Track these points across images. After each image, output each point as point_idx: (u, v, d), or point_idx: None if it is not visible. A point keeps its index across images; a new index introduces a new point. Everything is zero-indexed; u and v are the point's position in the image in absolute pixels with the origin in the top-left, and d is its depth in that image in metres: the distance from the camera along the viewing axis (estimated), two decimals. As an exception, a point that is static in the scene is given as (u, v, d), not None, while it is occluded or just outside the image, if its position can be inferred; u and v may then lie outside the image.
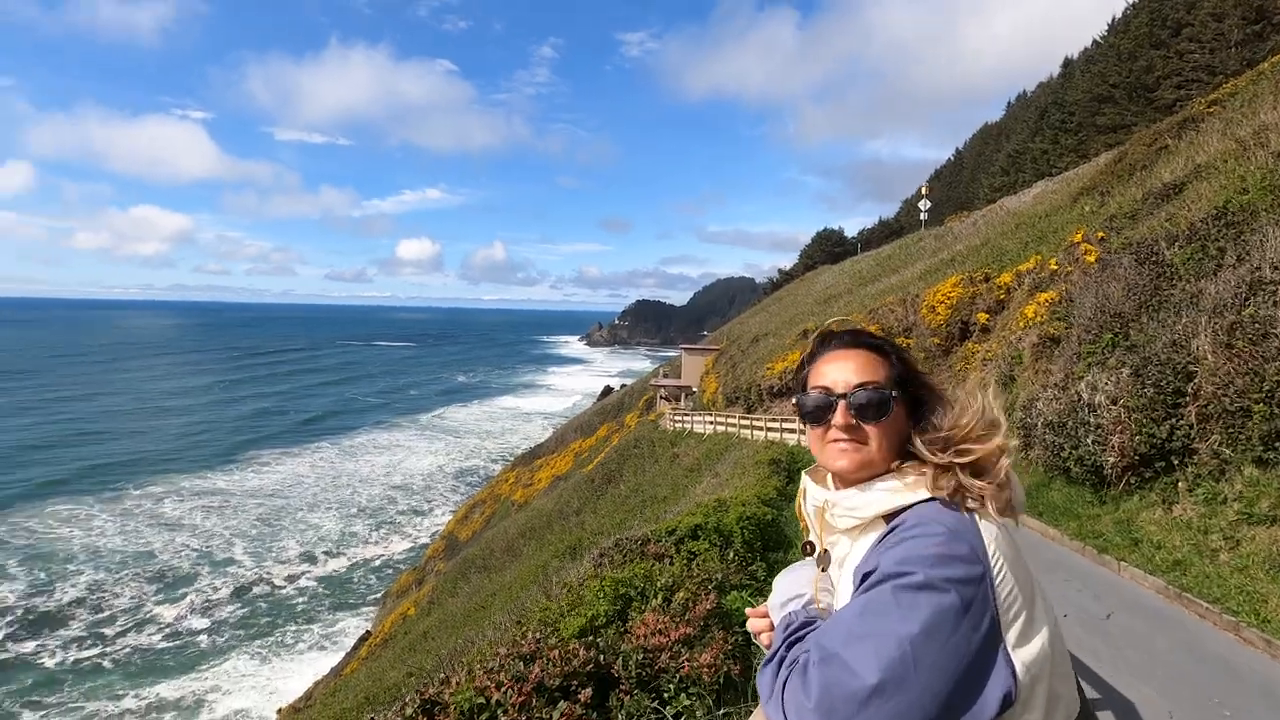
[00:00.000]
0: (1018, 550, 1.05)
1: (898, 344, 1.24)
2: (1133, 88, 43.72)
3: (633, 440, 28.18)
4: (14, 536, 34.65)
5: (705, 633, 2.94)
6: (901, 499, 1.08)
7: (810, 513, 1.26)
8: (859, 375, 1.15)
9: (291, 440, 60.88)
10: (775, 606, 1.23)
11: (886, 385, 1.15)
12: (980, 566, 0.96)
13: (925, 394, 1.19)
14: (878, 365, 1.18)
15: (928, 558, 0.95)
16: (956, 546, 0.97)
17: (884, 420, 1.13)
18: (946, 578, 0.93)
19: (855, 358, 1.18)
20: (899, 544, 0.99)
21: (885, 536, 1.04)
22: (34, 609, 27.07)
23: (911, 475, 1.11)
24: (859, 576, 1.02)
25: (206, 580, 30.83)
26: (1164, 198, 12.98)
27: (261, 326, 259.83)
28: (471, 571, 20.59)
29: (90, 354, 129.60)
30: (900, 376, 1.18)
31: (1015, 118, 76.18)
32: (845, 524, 1.14)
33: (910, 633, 0.89)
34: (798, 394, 1.23)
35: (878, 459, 1.13)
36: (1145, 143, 20.96)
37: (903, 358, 1.21)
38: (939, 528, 0.99)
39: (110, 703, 21.41)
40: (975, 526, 1.02)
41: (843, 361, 1.18)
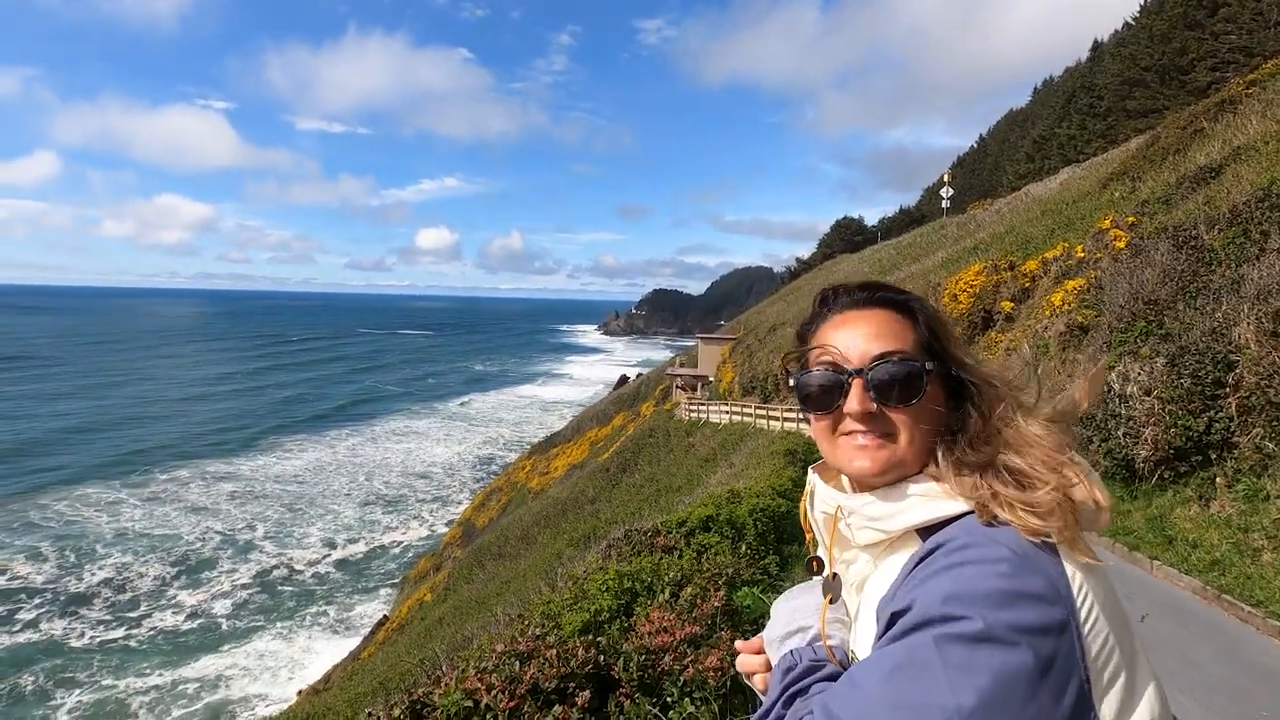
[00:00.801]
0: (1110, 584, 0.78)
1: (927, 300, 0.94)
2: (1165, 70, 42.39)
3: (648, 429, 28.08)
4: (45, 520, 35.45)
5: (713, 632, 2.78)
6: (943, 507, 0.82)
7: (819, 520, 0.97)
8: (879, 343, 0.87)
9: (314, 427, 61.58)
10: (773, 641, 0.97)
11: (917, 355, 0.87)
12: (1062, 610, 0.70)
13: (963, 371, 0.90)
14: (903, 328, 0.90)
15: (988, 595, 0.68)
16: (1028, 579, 0.70)
17: (916, 403, 0.85)
18: (1016, 625, 0.67)
19: (872, 320, 0.90)
20: (944, 572, 0.72)
21: (923, 560, 0.77)
22: (64, 590, 27.69)
23: (950, 477, 0.84)
24: (885, 614, 0.77)
25: (229, 564, 31.32)
26: (1200, 181, 12.47)
27: (284, 315, 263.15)
28: (486, 559, 20.66)
29: (120, 341, 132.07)
30: (931, 344, 0.90)
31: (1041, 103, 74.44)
32: (866, 538, 0.88)
33: (964, 707, 0.64)
34: (795, 374, 0.93)
35: (909, 457, 0.85)
36: (1179, 126, 20.24)
37: (933, 319, 0.91)
38: (1002, 550, 0.72)
39: (138, 679, 21.88)
40: (1052, 548, 0.75)
41: (855, 326, 0.90)
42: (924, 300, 0.94)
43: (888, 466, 0.85)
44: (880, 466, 0.85)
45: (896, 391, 0.85)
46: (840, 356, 0.89)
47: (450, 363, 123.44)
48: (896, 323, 0.90)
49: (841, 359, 0.89)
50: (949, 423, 0.87)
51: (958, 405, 0.88)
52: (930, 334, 0.90)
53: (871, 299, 0.93)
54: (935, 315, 0.93)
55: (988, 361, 0.93)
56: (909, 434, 0.85)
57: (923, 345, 0.89)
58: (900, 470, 0.86)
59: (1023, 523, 0.75)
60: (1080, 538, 0.77)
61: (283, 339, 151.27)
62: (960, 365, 0.90)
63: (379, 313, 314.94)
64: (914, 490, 0.85)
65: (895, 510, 0.85)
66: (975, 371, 0.90)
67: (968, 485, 0.81)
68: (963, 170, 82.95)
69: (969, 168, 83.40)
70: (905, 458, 0.85)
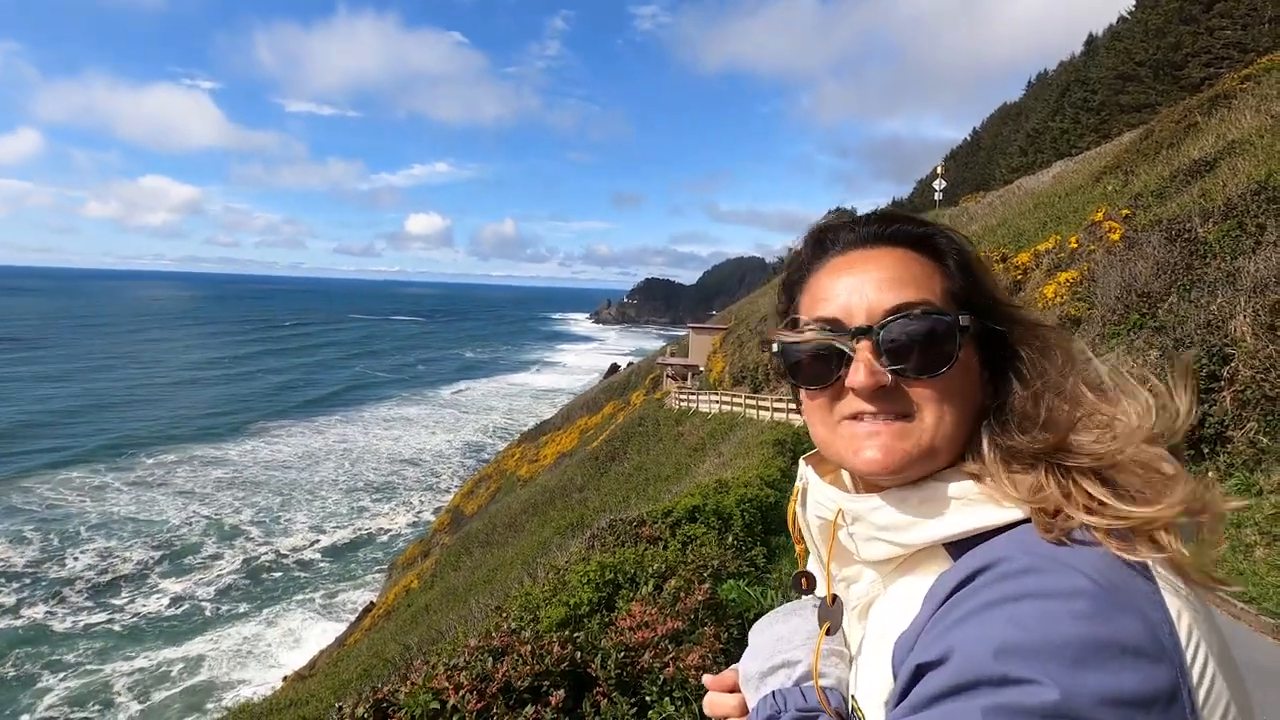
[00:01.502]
0: (1217, 623, 0.56)
1: (957, 234, 0.71)
2: (1159, 65, 42.44)
3: (638, 418, 28.01)
4: (29, 504, 35.05)
5: (695, 627, 2.67)
6: (985, 515, 0.61)
7: (812, 526, 0.75)
8: (894, 291, 0.65)
9: (304, 413, 61.15)
10: (751, 678, 0.76)
11: (946, 306, 0.66)
12: (1169, 670, 0.49)
13: (1010, 328, 0.67)
14: (927, 272, 0.67)
15: (1062, 647, 0.48)
16: (1119, 623, 0.49)
17: (946, 371, 0.63)
18: (1106, 695, 0.47)
19: (885, 261, 0.68)
20: (995, 609, 0.52)
21: (961, 587, 0.56)
22: (48, 574, 27.40)
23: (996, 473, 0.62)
24: (905, 663, 0.57)
25: (215, 549, 31.10)
26: (1194, 174, 12.43)
27: (273, 299, 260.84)
28: (474, 546, 20.57)
29: (107, 324, 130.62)
30: (965, 291, 0.68)
31: (1035, 97, 74.44)
32: (875, 553, 0.67)
33: None
34: (780, 338, 0.71)
35: (937, 445, 0.64)
36: (1173, 120, 20.21)
37: (967, 256, 0.69)
38: (1079, 579, 0.51)
39: (123, 663, 21.74)
40: (1147, 576, 0.53)
41: (862, 270, 0.68)
42: (954, 232, 0.71)
43: (907, 460, 0.63)
44: (897, 461, 0.63)
45: (918, 356, 0.63)
46: (841, 311, 0.67)
47: (441, 350, 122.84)
48: (917, 264, 0.68)
49: (843, 314, 0.67)
50: (989, 398, 0.66)
51: (1000, 374, 0.67)
52: (964, 278, 0.68)
53: (883, 234, 0.70)
54: (970, 252, 0.70)
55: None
56: (936, 415, 0.64)
57: (953, 293, 0.67)
58: (925, 465, 0.64)
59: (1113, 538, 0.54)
60: (1201, 559, 0.55)
61: (272, 324, 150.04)
62: (1010, 318, 0.68)
63: (369, 298, 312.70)
64: (944, 491, 0.63)
65: (917, 518, 0.63)
66: (1031, 326, 0.68)
67: (1025, 484, 0.60)
68: (956, 163, 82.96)
69: (962, 160, 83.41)
70: (931, 447, 0.64)
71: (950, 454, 0.65)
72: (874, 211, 0.75)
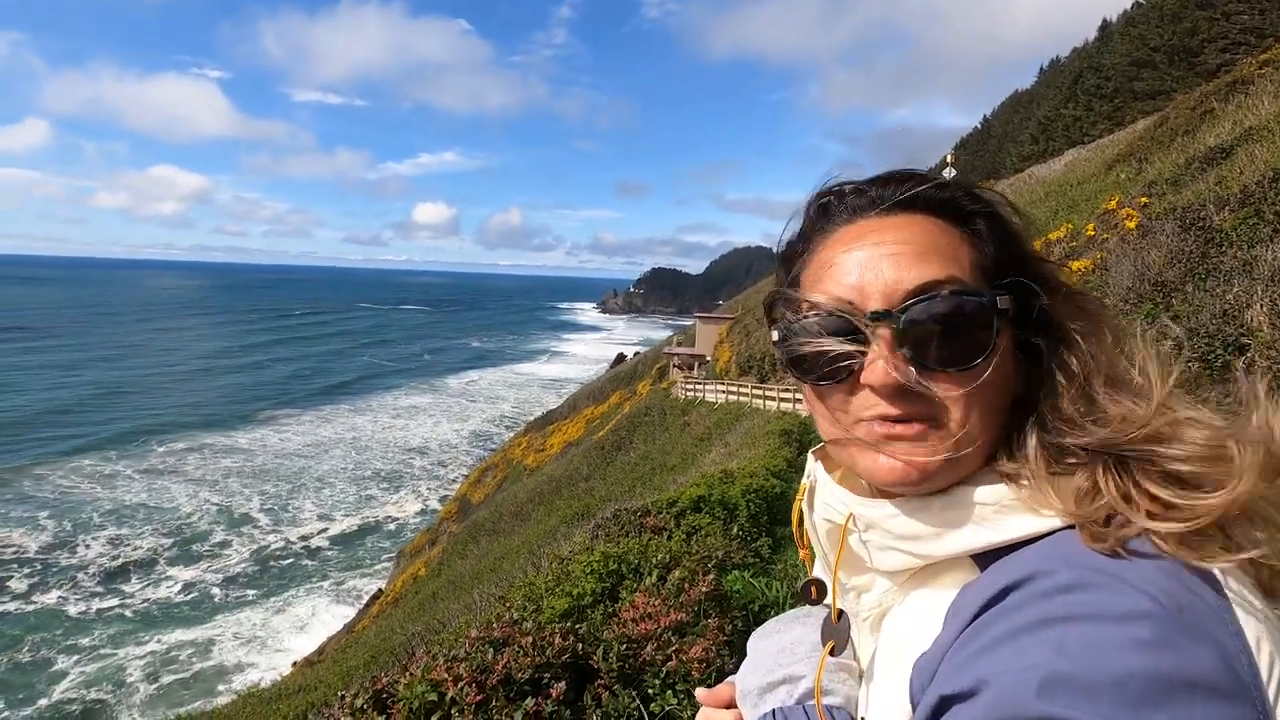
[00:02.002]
0: None
1: (986, 191, 0.62)
2: (1175, 51, 41.84)
3: (644, 408, 28.01)
4: (42, 490, 35.47)
5: (699, 619, 2.65)
6: (1023, 525, 0.52)
7: (819, 529, 0.67)
8: (917, 267, 0.55)
9: (312, 402, 61.60)
10: (749, 693, 0.69)
11: (979, 284, 0.56)
12: (1248, 709, 0.40)
13: (1053, 302, 0.58)
14: (955, 242, 0.57)
15: (1121, 681, 0.40)
16: (1188, 651, 0.41)
17: (980, 364, 0.54)
18: None
19: (904, 231, 0.57)
20: (1037, 633, 0.44)
21: (992, 604, 0.48)
22: (61, 561, 27.77)
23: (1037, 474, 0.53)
24: (930, 693, 0.49)
25: (225, 536, 31.42)
26: (1210, 162, 12.22)
27: (282, 289, 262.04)
28: (481, 534, 20.67)
29: (119, 314, 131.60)
30: (1001, 264, 0.58)
31: (1047, 84, 73.48)
32: (892, 563, 0.59)
33: None
34: (781, 324, 0.62)
35: (969, 449, 0.54)
36: (1188, 106, 19.89)
37: (1003, 221, 0.60)
38: (1137, 597, 0.43)
39: (135, 647, 22.09)
40: (1218, 591, 0.45)
41: (877, 241, 0.57)
42: (983, 189, 0.61)
43: (932, 471, 0.54)
44: (919, 472, 0.54)
45: (948, 347, 0.53)
46: (854, 291, 0.56)
47: (448, 339, 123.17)
48: (944, 233, 0.57)
49: (856, 295, 0.56)
50: (1022, 386, 0.57)
51: (1038, 357, 0.57)
52: (998, 245, 0.58)
53: (900, 197, 0.59)
54: (1002, 213, 0.60)
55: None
56: (967, 415, 0.54)
57: (984, 266, 0.57)
58: (953, 473, 0.55)
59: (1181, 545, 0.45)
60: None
61: (281, 313, 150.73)
62: (1052, 290, 0.57)
63: (377, 287, 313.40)
64: (974, 496, 0.54)
65: (942, 527, 0.55)
66: (1077, 299, 0.58)
67: (1071, 487, 0.50)
68: (965, 151, 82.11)
69: (972, 149, 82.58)
70: (960, 454, 0.54)
71: (981, 455, 0.56)
72: (890, 172, 0.63)
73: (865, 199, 0.61)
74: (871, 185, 0.62)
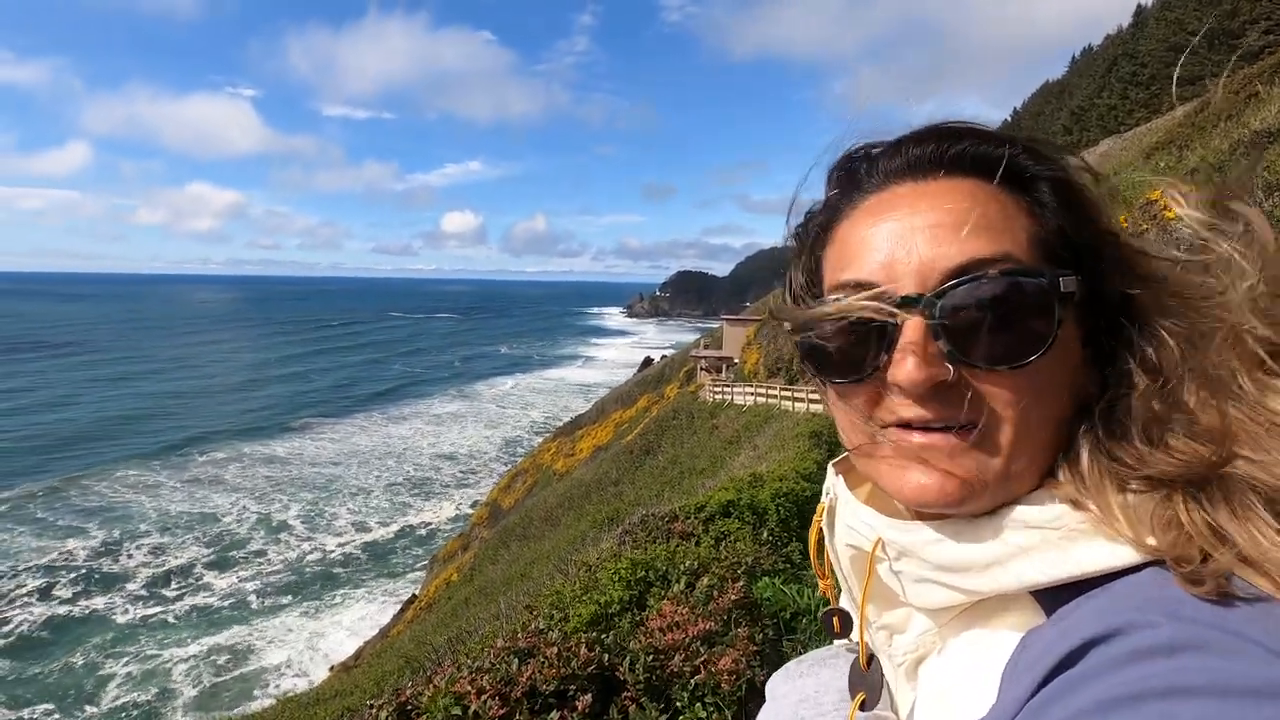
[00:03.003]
0: None
1: (1051, 147, 0.50)
2: (1214, 34, 40.49)
3: (672, 411, 27.93)
4: (88, 500, 36.70)
5: (728, 629, 2.58)
6: (1091, 556, 0.41)
7: (841, 554, 0.56)
8: (957, 243, 0.45)
9: (348, 411, 62.98)
10: None
11: (1035, 262, 0.45)
12: None
13: (1137, 287, 0.46)
14: (1007, 211, 0.46)
15: None
16: None
17: (1038, 359, 0.44)
18: None
19: (943, 197, 0.47)
20: (1138, 707, 0.31)
21: (1067, 662, 0.36)
22: (108, 568, 28.70)
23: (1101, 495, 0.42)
24: None
25: (263, 543, 32.15)
26: (1257, 146, 11.75)
27: (315, 300, 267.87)
28: (511, 540, 20.77)
29: (161, 328, 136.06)
30: (1067, 239, 0.47)
31: (1079, 74, 71.91)
32: (931, 599, 0.48)
33: None
34: (798, 313, 0.51)
35: (1019, 464, 0.45)
36: (1232, 90, 19.22)
37: (1069, 186, 0.48)
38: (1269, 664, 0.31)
39: (178, 649, 22.80)
40: None
41: (911, 211, 0.47)
42: (1049, 144, 0.49)
43: (973, 490, 0.45)
44: (957, 490, 0.44)
45: (995, 339, 0.43)
46: (882, 271, 0.47)
47: (478, 347, 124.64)
48: (994, 200, 0.46)
49: (884, 276, 0.46)
50: (1095, 385, 0.46)
51: (1114, 354, 0.46)
52: (1065, 214, 0.47)
53: (942, 157, 0.48)
54: (1072, 177, 0.48)
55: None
56: (1018, 423, 0.44)
57: (1046, 241, 0.46)
58: (999, 492, 0.45)
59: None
60: None
61: (316, 324, 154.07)
62: (1137, 273, 0.46)
63: (408, 297, 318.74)
64: (1031, 518, 0.44)
65: (994, 555, 0.44)
66: (1172, 286, 0.46)
67: (1146, 515, 0.40)
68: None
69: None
70: (1008, 469, 0.44)
71: (1039, 470, 0.45)
72: (928, 127, 0.51)
73: (899, 161, 0.50)
74: (907, 143, 0.51)
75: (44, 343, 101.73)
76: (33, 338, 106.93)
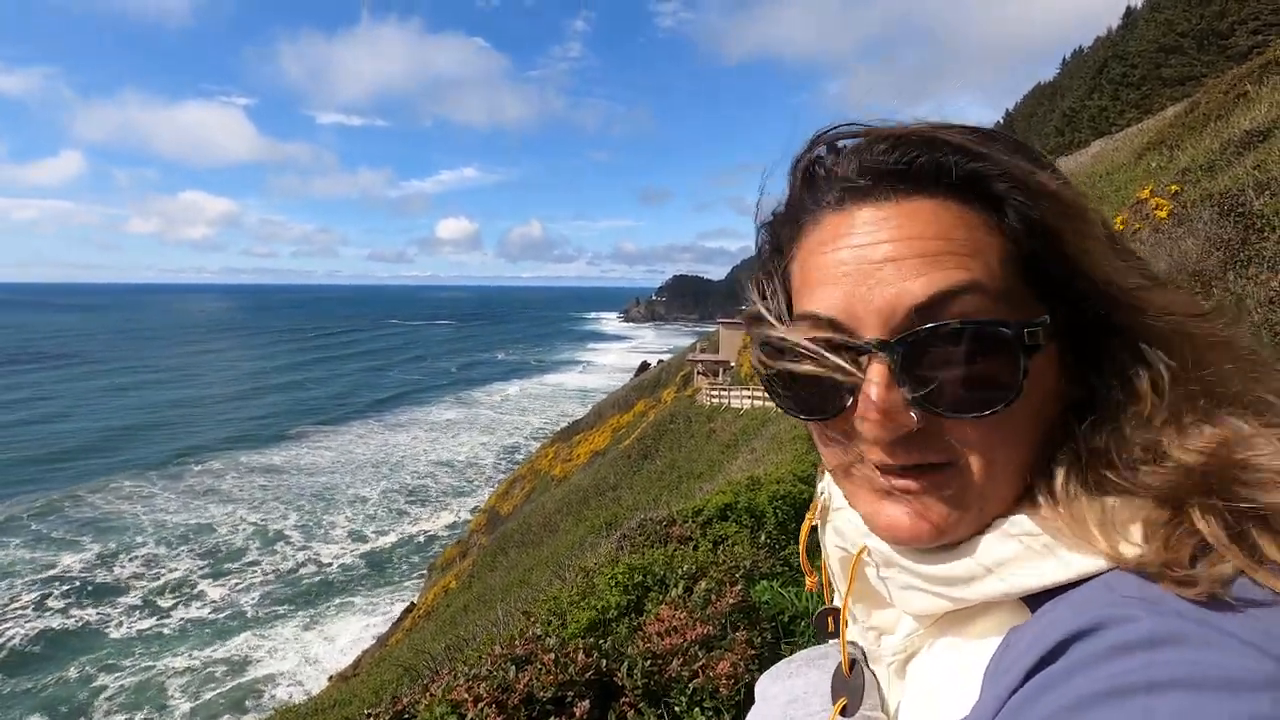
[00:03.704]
0: None
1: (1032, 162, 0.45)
2: (1204, 35, 40.82)
3: (669, 416, 27.91)
4: (82, 512, 36.48)
5: (726, 633, 2.56)
6: (1076, 564, 0.40)
7: (831, 554, 0.56)
8: (920, 276, 0.42)
9: (346, 419, 62.77)
10: None
11: (1003, 294, 0.42)
12: None
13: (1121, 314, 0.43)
14: (973, 234, 0.43)
15: None
16: None
17: (1007, 408, 0.42)
18: None
19: (905, 222, 0.43)
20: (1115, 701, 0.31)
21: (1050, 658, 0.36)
22: (101, 580, 28.50)
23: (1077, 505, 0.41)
24: None
25: (259, 553, 31.97)
26: (1247, 146, 11.81)
27: (311, 308, 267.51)
28: (510, 546, 20.70)
29: (157, 338, 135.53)
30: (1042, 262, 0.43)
31: (1070, 75, 72.27)
32: (916, 605, 0.47)
33: None
34: (760, 344, 0.49)
35: (988, 499, 0.44)
36: (1221, 90, 19.33)
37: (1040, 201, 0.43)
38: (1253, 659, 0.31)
39: (173, 660, 22.62)
40: None
41: (871, 237, 0.43)
42: (1025, 151, 0.46)
43: (943, 527, 0.44)
44: (928, 530, 0.44)
45: (961, 387, 0.41)
46: (842, 310, 0.44)
47: (474, 353, 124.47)
48: (962, 221, 0.43)
49: (845, 315, 0.44)
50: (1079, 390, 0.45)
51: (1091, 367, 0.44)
52: (1039, 237, 0.43)
53: (905, 171, 0.44)
54: (1047, 185, 0.43)
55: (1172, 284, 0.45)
56: (987, 463, 0.43)
57: (1024, 266, 0.43)
58: (972, 524, 0.44)
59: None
60: None
61: (311, 332, 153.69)
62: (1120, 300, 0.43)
63: (404, 303, 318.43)
64: (1017, 527, 0.43)
65: (979, 567, 0.43)
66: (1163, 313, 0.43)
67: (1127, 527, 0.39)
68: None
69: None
70: (984, 504, 0.44)
71: (1013, 494, 0.44)
72: (890, 129, 0.45)
73: (855, 171, 0.45)
74: (864, 151, 0.46)
75: (40, 354, 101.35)
76: (28, 349, 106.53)
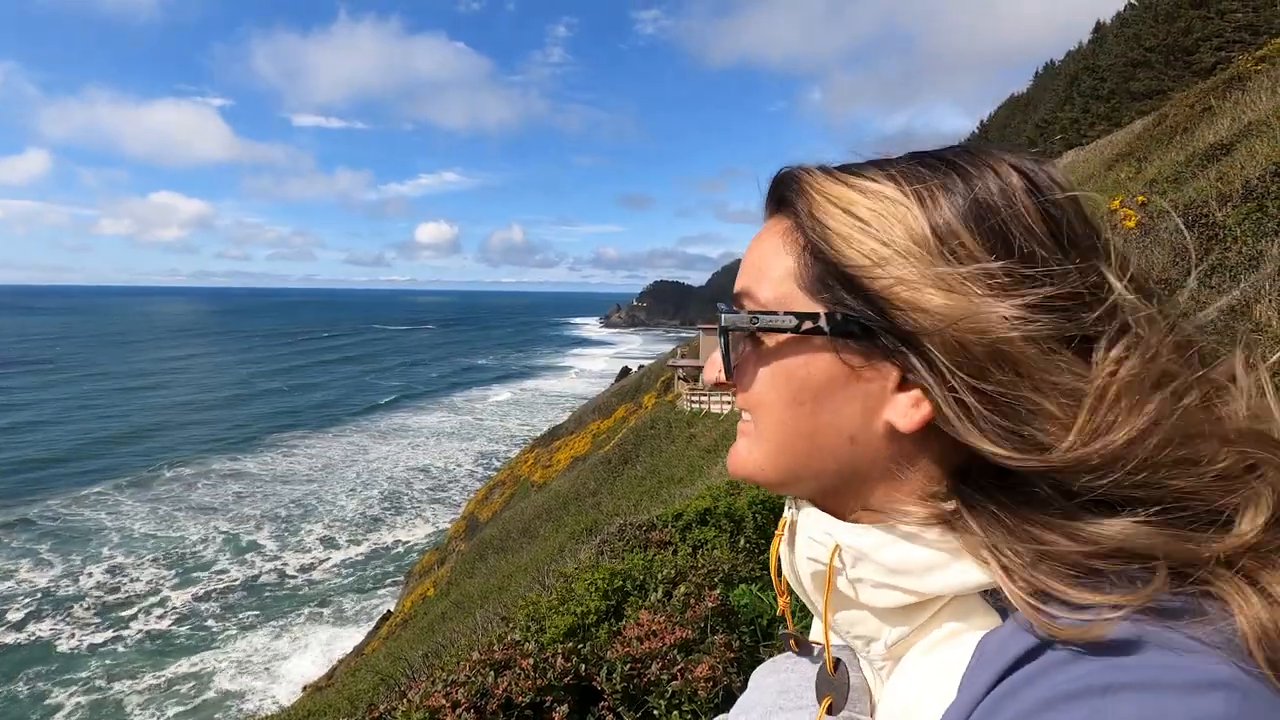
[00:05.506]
0: None
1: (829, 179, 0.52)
2: (1170, 51, 41.97)
3: (649, 421, 27.93)
4: (46, 521, 35.49)
5: (705, 636, 2.57)
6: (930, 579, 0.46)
7: (802, 572, 0.55)
8: (741, 279, 0.57)
9: (319, 424, 61.75)
10: None
11: (796, 296, 0.51)
12: None
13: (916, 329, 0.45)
14: (778, 249, 0.53)
15: None
16: None
17: (731, 382, 0.55)
18: None
19: (758, 238, 0.57)
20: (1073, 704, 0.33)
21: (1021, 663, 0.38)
22: (65, 592, 27.69)
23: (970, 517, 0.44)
24: None
25: (230, 562, 31.33)
26: (1210, 158, 12.17)
27: (286, 312, 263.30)
28: (489, 553, 20.53)
29: (129, 342, 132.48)
30: (821, 274, 0.49)
31: (1043, 87, 73.81)
32: (883, 600, 0.49)
33: None
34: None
35: (780, 463, 0.52)
36: (1187, 104, 19.89)
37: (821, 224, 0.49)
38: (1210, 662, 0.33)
39: (137, 679, 21.84)
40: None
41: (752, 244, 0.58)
42: (818, 179, 0.52)
43: (745, 469, 0.55)
44: (735, 465, 0.56)
45: (726, 358, 0.55)
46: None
47: (454, 359, 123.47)
48: (776, 238, 0.54)
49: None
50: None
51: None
52: (816, 253, 0.49)
53: (770, 197, 0.57)
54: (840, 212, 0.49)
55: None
56: (766, 424, 0.53)
57: (806, 278, 0.50)
58: (803, 488, 0.54)
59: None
60: None
61: (288, 337, 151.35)
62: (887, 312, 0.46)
63: (382, 308, 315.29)
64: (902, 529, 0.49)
65: (937, 557, 0.45)
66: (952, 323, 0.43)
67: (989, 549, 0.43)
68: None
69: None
70: (762, 462, 0.53)
71: (821, 466, 0.51)
72: (783, 168, 0.57)
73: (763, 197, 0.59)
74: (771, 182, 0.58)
75: (8, 359, 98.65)
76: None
